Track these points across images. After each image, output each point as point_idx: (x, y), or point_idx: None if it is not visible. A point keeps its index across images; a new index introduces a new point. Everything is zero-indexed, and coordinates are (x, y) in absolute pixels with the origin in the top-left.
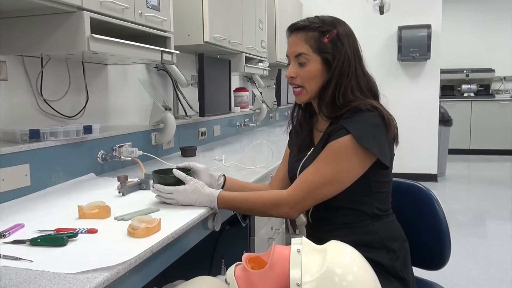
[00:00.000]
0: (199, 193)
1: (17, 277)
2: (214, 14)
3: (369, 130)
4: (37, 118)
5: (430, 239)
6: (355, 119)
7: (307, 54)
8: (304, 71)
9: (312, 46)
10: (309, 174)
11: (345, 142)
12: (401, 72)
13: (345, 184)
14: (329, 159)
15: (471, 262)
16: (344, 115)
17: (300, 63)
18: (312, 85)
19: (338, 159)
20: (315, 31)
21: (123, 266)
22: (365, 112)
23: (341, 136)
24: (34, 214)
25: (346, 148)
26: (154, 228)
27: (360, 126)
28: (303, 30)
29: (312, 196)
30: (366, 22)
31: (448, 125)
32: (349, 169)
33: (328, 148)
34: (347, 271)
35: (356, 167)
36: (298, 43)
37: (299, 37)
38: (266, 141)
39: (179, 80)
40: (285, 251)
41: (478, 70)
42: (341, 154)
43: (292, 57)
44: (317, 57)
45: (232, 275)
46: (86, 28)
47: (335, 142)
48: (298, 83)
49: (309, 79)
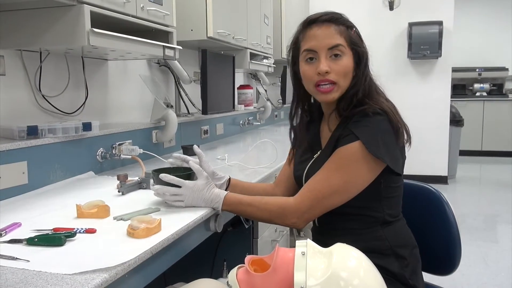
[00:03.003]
0: (207, 191)
1: (14, 278)
2: (218, 8)
3: (379, 136)
4: (35, 115)
5: (440, 243)
6: (364, 124)
7: (343, 46)
8: (339, 65)
9: (346, 39)
10: (317, 182)
11: (354, 148)
12: (411, 70)
13: (354, 192)
14: (338, 167)
15: (482, 267)
16: (353, 118)
17: (335, 55)
18: (345, 81)
19: (347, 166)
20: (344, 25)
21: (122, 267)
22: (374, 116)
23: (350, 142)
24: (32, 213)
25: (355, 155)
26: (154, 229)
27: (370, 132)
28: (334, 23)
29: (319, 205)
30: (375, 18)
31: (460, 126)
32: (358, 177)
33: (337, 155)
34: (353, 275)
35: (365, 175)
36: (333, 35)
37: (333, 28)
38: (270, 140)
39: (181, 77)
40: (289, 254)
41: (491, 68)
42: (350, 161)
43: (324, 50)
44: (350, 51)
45: (234, 278)
46: (86, 22)
47: (344, 149)
48: (333, 79)
49: (344, 74)
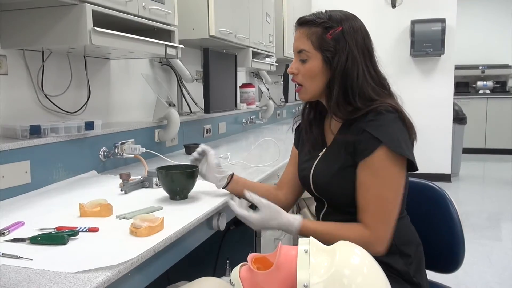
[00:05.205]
0: (277, 220)
1: (17, 276)
2: (220, 7)
3: (398, 134)
4: (38, 114)
5: (443, 241)
6: (380, 123)
7: (307, 51)
8: (304, 68)
9: (313, 42)
10: (374, 204)
11: (383, 155)
12: (414, 68)
13: (401, 194)
14: (383, 180)
15: (486, 266)
16: (364, 117)
17: (301, 60)
18: (312, 84)
19: (389, 176)
20: (318, 26)
21: (125, 265)
22: (386, 114)
23: (375, 148)
24: (35, 212)
25: (386, 161)
26: (156, 227)
27: (389, 132)
28: (307, 25)
29: (389, 221)
30: (377, 15)
31: (463, 123)
32: (399, 179)
33: (371, 168)
34: (357, 272)
35: (400, 175)
36: (301, 39)
37: (302, 32)
38: (273, 139)
39: (183, 76)
40: (292, 252)
41: (494, 66)
42: (386, 168)
43: (295, 53)
44: (317, 54)
45: (237, 275)
46: (88, 21)
47: (374, 159)
48: (298, 81)
49: (309, 77)
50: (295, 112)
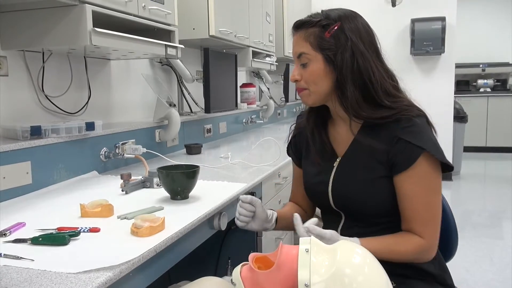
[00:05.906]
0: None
1: (18, 277)
2: (219, 7)
3: (434, 139)
4: (38, 115)
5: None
6: (415, 130)
7: (307, 53)
8: (307, 72)
9: (312, 43)
10: (423, 212)
11: (426, 162)
12: (414, 66)
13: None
14: (427, 187)
15: (487, 264)
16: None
17: (302, 64)
18: (318, 87)
19: (434, 183)
20: (315, 26)
21: (126, 265)
22: (419, 119)
23: (417, 156)
24: (36, 213)
25: (429, 167)
26: (158, 227)
27: (428, 138)
28: (303, 27)
29: (439, 225)
30: (377, 14)
31: (464, 122)
32: (440, 183)
33: (414, 177)
34: (358, 271)
35: (440, 178)
36: (299, 42)
37: (299, 35)
38: (273, 138)
39: (183, 76)
40: (293, 251)
41: (495, 64)
42: (429, 174)
43: (295, 59)
44: (318, 55)
45: (238, 275)
46: (88, 22)
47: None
48: (302, 87)
49: (313, 81)
50: (296, 112)
